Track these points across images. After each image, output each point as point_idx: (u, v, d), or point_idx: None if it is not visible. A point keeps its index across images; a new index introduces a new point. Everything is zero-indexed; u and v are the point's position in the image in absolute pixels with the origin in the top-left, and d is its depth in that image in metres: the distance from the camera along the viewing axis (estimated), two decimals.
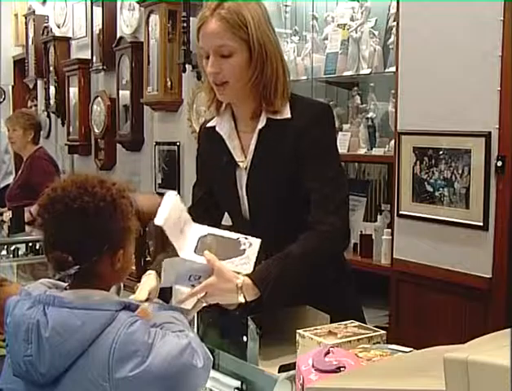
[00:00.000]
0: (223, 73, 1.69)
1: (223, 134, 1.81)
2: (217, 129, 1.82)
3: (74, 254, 1.26)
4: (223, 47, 1.67)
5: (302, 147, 1.70)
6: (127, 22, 4.91)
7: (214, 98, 1.80)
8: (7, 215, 3.72)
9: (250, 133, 1.78)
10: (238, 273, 1.55)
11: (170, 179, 4.44)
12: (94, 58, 5.27)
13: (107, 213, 1.28)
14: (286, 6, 3.62)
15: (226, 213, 1.93)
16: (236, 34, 1.66)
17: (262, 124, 1.74)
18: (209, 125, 1.88)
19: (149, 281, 1.64)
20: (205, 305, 1.54)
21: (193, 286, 1.53)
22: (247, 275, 1.56)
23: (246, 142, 1.79)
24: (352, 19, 3.20)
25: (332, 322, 1.55)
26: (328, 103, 2.69)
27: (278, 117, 1.74)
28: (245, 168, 1.78)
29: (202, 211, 1.87)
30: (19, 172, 4.58)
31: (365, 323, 1.61)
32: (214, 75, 1.70)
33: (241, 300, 1.53)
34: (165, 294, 1.64)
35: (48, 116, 6.30)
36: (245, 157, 1.79)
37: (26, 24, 6.56)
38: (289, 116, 1.73)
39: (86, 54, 5.48)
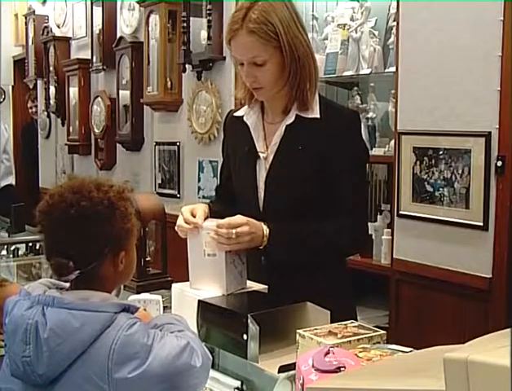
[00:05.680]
0: (258, 80, 1.76)
1: (250, 124, 1.87)
2: (244, 119, 1.88)
3: (74, 259, 1.27)
4: (256, 58, 1.72)
5: (333, 152, 1.75)
6: (127, 22, 4.91)
7: (248, 91, 1.85)
8: None
9: (275, 124, 1.83)
10: None
11: (170, 179, 4.44)
12: (94, 58, 5.26)
13: (105, 216, 1.28)
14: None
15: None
16: (267, 45, 1.71)
17: (290, 120, 1.79)
18: (235, 114, 1.94)
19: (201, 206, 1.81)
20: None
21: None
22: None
23: (270, 133, 1.84)
24: (352, 19, 3.20)
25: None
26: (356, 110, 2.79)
27: (308, 116, 1.79)
28: (265, 158, 1.83)
29: (226, 193, 1.98)
30: None
31: None
32: (250, 82, 1.77)
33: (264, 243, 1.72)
34: None
35: (48, 116, 6.30)
36: (267, 148, 1.84)
37: (26, 24, 6.55)
38: (318, 115, 1.78)
39: (86, 54, 5.48)
